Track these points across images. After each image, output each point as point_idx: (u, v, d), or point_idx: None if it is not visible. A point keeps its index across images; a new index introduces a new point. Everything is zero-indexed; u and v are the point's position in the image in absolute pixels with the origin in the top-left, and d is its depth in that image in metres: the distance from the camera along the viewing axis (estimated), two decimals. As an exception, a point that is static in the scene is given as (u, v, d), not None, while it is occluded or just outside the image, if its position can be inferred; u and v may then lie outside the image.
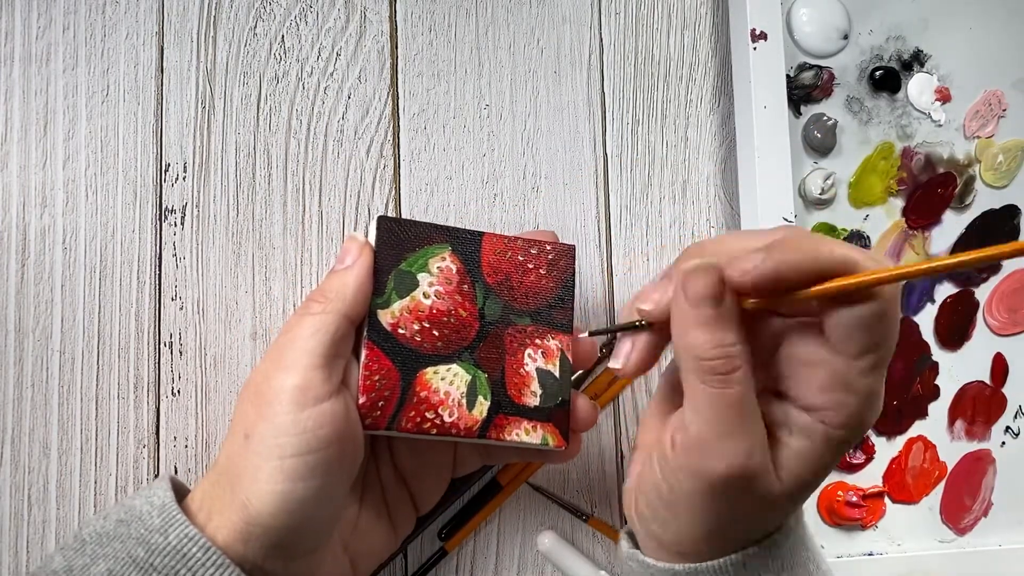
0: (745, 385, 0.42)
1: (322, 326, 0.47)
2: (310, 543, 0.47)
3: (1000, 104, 0.74)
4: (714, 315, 0.42)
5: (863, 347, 0.41)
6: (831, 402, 0.42)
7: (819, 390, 0.42)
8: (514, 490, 0.63)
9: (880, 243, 0.71)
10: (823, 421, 0.42)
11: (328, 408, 0.45)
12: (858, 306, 0.40)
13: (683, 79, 0.70)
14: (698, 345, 0.42)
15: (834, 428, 0.42)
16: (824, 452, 0.43)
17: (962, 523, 0.72)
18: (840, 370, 0.42)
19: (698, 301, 0.42)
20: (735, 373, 0.42)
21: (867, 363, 0.41)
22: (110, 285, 0.59)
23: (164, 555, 0.43)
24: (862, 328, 0.41)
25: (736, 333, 0.42)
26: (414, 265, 0.51)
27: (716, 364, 0.42)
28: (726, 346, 0.42)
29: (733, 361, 0.42)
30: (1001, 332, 0.73)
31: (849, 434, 0.43)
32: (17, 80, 0.59)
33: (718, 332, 0.42)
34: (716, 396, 0.42)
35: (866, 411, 0.42)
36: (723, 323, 0.42)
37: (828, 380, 0.42)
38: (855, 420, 0.42)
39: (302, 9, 0.63)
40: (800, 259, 0.40)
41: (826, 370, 0.42)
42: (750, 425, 0.42)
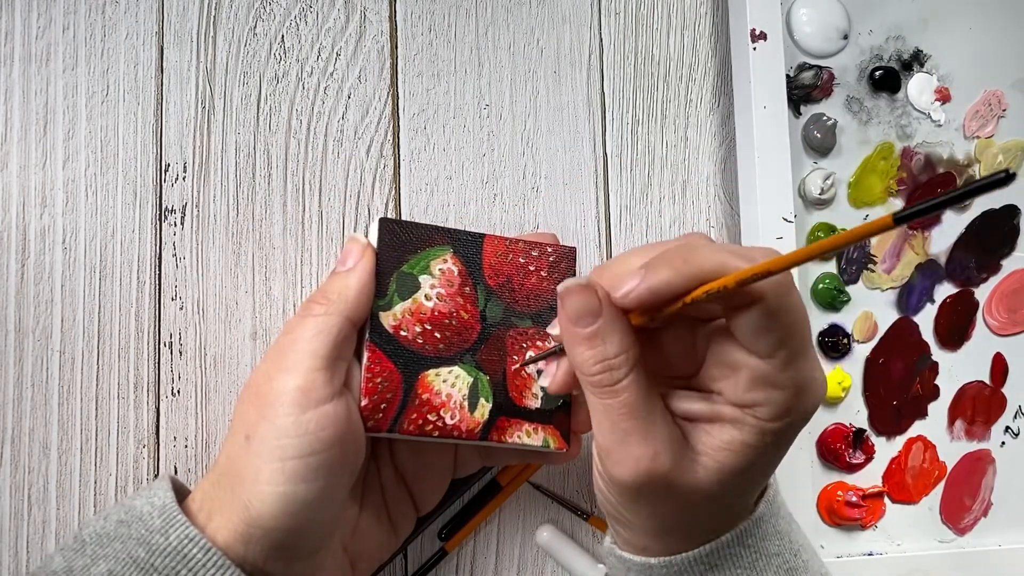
0: (634, 391, 0.43)
1: (324, 328, 0.47)
2: (311, 545, 0.47)
3: (1000, 104, 0.74)
4: (592, 331, 0.43)
5: (770, 346, 0.41)
6: (760, 399, 0.42)
7: (745, 390, 0.43)
8: (514, 490, 0.63)
9: (880, 243, 0.71)
10: (754, 415, 0.43)
11: (330, 410, 0.45)
12: (749, 310, 0.41)
13: (683, 79, 0.70)
14: (582, 361, 0.44)
15: (767, 421, 0.43)
16: (757, 441, 0.43)
17: (962, 523, 0.72)
18: (759, 369, 0.42)
19: (575, 318, 0.43)
20: (620, 383, 0.43)
21: (782, 359, 0.42)
22: (110, 285, 0.59)
23: (165, 556, 0.43)
24: (760, 329, 0.41)
25: (619, 343, 0.43)
26: (416, 267, 0.51)
27: (600, 377, 0.43)
28: (608, 359, 0.43)
29: (615, 373, 0.43)
30: (1001, 332, 0.73)
31: (786, 425, 0.43)
32: (17, 80, 0.59)
33: (598, 346, 0.43)
34: (607, 407, 0.43)
35: (798, 401, 0.43)
36: (602, 337, 0.43)
37: (751, 380, 0.42)
38: (787, 412, 0.43)
39: (302, 9, 0.63)
40: (673, 275, 0.41)
41: (747, 370, 0.42)
42: (649, 428, 0.43)
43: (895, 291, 0.72)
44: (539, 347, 0.53)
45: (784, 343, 0.42)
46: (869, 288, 0.71)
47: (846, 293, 0.70)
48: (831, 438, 0.69)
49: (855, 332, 0.70)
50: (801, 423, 0.44)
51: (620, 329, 0.43)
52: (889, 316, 0.71)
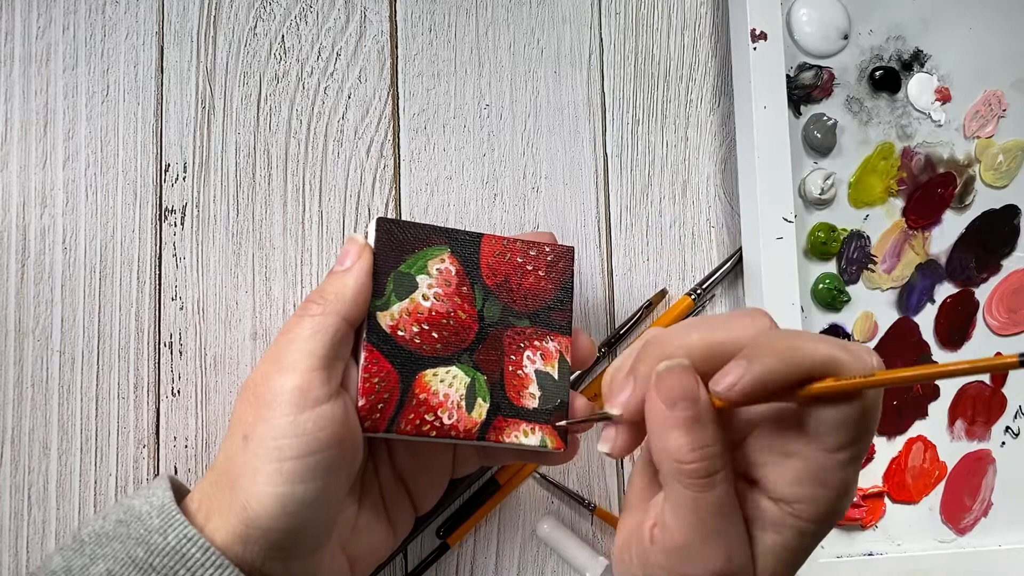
0: (725, 486, 0.41)
1: (321, 328, 0.47)
2: (309, 545, 0.47)
3: (1000, 104, 0.74)
4: (691, 416, 0.41)
5: (843, 442, 0.40)
6: (805, 495, 0.41)
7: (793, 482, 0.41)
8: (519, 483, 0.63)
9: (880, 243, 0.71)
10: (794, 514, 0.41)
11: (327, 410, 0.45)
12: (842, 405, 0.40)
13: (683, 79, 0.70)
14: (677, 448, 0.41)
15: (806, 522, 0.41)
16: (797, 546, 0.42)
17: (962, 523, 0.72)
18: (817, 463, 0.41)
19: (674, 403, 0.41)
20: (716, 475, 0.41)
21: (844, 457, 0.40)
22: (110, 285, 0.59)
23: (163, 555, 0.43)
24: (844, 425, 0.40)
25: (714, 433, 0.41)
26: (413, 267, 0.51)
27: (696, 467, 0.41)
28: (705, 447, 0.41)
29: (713, 463, 0.41)
30: (1001, 332, 0.73)
31: (821, 527, 0.42)
32: (17, 80, 0.59)
33: (696, 434, 0.41)
34: (697, 500, 0.41)
35: (839, 505, 0.42)
36: (701, 424, 0.41)
37: (803, 472, 0.41)
38: (828, 514, 0.41)
39: (302, 9, 0.63)
40: (782, 366, 0.39)
41: (801, 462, 0.41)
42: (730, 527, 0.41)
43: (895, 291, 0.72)
44: (536, 347, 0.53)
45: (856, 442, 0.40)
46: (869, 288, 0.71)
47: (846, 293, 0.70)
48: (831, 438, 0.69)
49: (855, 332, 0.70)
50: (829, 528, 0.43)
51: (716, 419, 0.42)
52: (889, 316, 0.71)
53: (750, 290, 0.66)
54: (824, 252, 0.69)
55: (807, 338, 0.40)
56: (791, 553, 0.42)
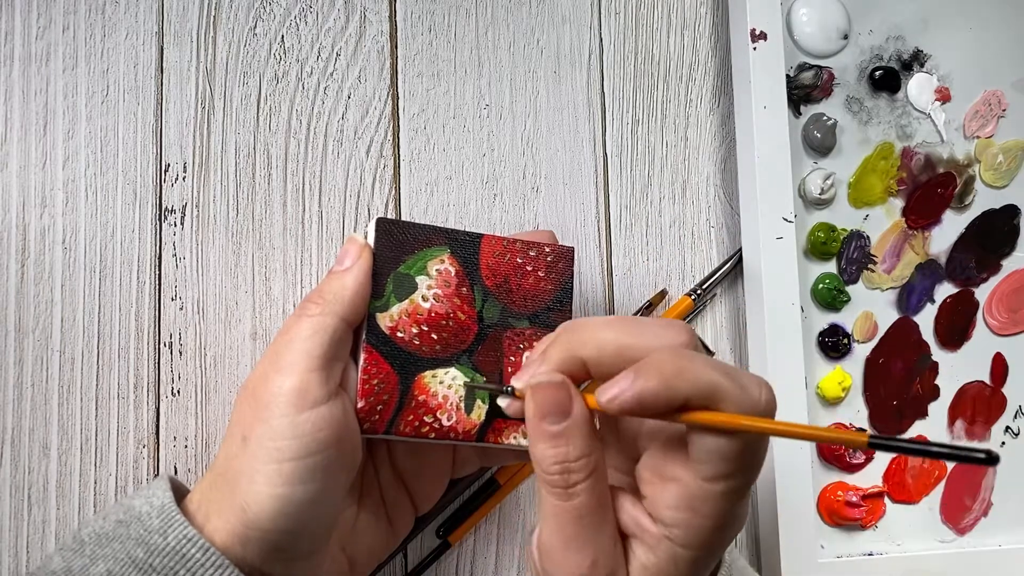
0: (589, 496, 0.42)
1: (320, 328, 0.47)
2: (309, 546, 0.47)
3: (1000, 104, 0.74)
4: (558, 431, 0.42)
5: (719, 473, 0.40)
6: (679, 520, 0.41)
7: (669, 506, 0.41)
8: (521, 481, 0.63)
9: (880, 243, 0.71)
10: (668, 537, 0.41)
11: (326, 411, 0.45)
12: (723, 437, 0.40)
13: (683, 79, 0.70)
14: (542, 458, 0.42)
15: (679, 547, 0.41)
16: (669, 570, 0.42)
17: (962, 523, 0.72)
18: (691, 491, 0.41)
19: (543, 416, 0.42)
20: (578, 486, 0.41)
21: (721, 488, 0.40)
22: (110, 285, 0.59)
23: (163, 556, 0.43)
24: (722, 456, 0.40)
25: (583, 446, 0.42)
26: (413, 268, 0.51)
27: (556, 479, 0.42)
28: (569, 461, 0.42)
29: (574, 476, 0.41)
30: (1001, 332, 0.73)
31: (696, 554, 0.42)
32: (17, 80, 0.59)
33: (561, 447, 0.42)
34: (558, 508, 0.42)
35: (716, 534, 0.41)
36: (567, 438, 0.42)
37: (678, 498, 0.41)
38: (701, 542, 0.41)
39: (302, 9, 0.63)
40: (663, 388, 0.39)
41: (678, 488, 0.41)
42: (594, 536, 0.42)
43: (895, 291, 0.72)
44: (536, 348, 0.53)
45: (735, 475, 0.40)
46: (869, 288, 0.71)
47: (846, 293, 0.70)
48: (831, 438, 0.69)
49: (855, 332, 0.70)
50: (711, 557, 0.43)
51: (586, 433, 0.42)
52: (889, 316, 0.71)
53: (750, 290, 0.66)
54: (824, 252, 0.69)
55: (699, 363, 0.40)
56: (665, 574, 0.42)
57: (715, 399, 0.39)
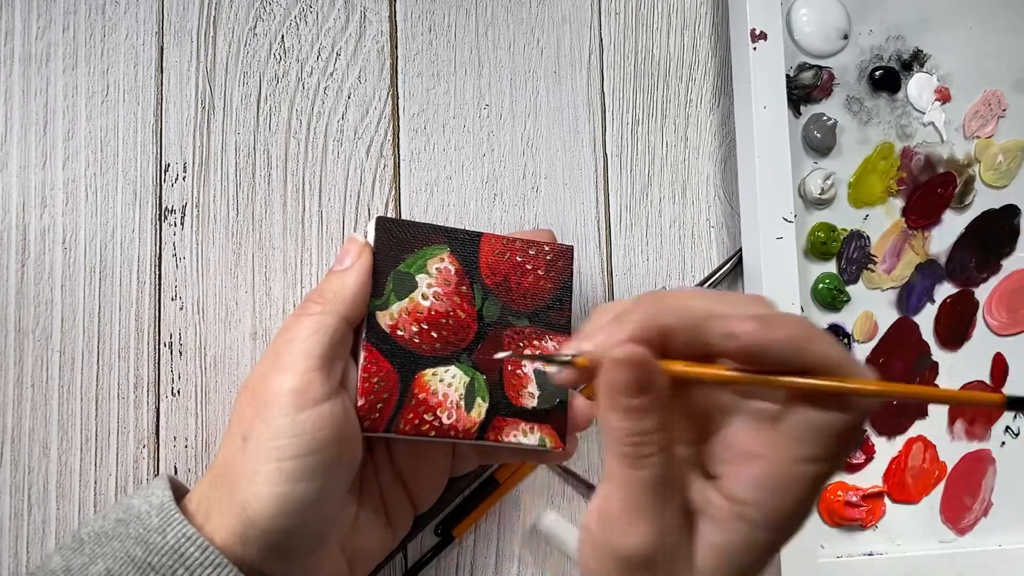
0: (659, 470, 0.40)
1: (320, 327, 0.47)
2: (308, 544, 0.47)
3: (1000, 104, 0.74)
4: (636, 404, 0.40)
5: (816, 454, 0.39)
6: (760, 499, 0.39)
7: (751, 484, 0.40)
8: (526, 474, 0.63)
9: (880, 242, 0.71)
10: (742, 516, 0.40)
11: (327, 410, 0.45)
12: (829, 412, 0.38)
13: (683, 79, 0.70)
14: (614, 428, 0.40)
15: (756, 528, 0.40)
16: (743, 552, 0.40)
17: (962, 523, 0.72)
18: (780, 470, 0.39)
19: (621, 388, 0.40)
20: (650, 458, 0.40)
21: (813, 470, 0.39)
22: (110, 285, 0.59)
23: (162, 554, 0.43)
24: (824, 435, 0.39)
25: (656, 421, 0.40)
26: (412, 266, 0.51)
27: (628, 449, 0.40)
28: (642, 434, 0.40)
29: (645, 448, 0.40)
30: (1001, 332, 0.73)
31: (772, 537, 0.40)
32: (17, 80, 0.59)
33: (635, 421, 0.40)
34: (627, 475, 0.40)
35: (796, 519, 0.40)
36: (643, 414, 0.40)
37: (763, 477, 0.39)
38: (781, 524, 0.40)
39: (302, 9, 0.63)
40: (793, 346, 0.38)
41: (764, 466, 0.40)
42: (660, 509, 0.40)
43: (895, 291, 0.72)
44: (535, 347, 0.53)
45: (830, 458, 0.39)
46: (869, 288, 0.71)
47: (846, 293, 0.70)
48: (831, 438, 0.69)
49: (855, 332, 0.70)
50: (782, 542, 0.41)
51: (661, 408, 0.40)
52: (889, 316, 0.71)
53: (750, 290, 0.66)
54: (824, 252, 0.69)
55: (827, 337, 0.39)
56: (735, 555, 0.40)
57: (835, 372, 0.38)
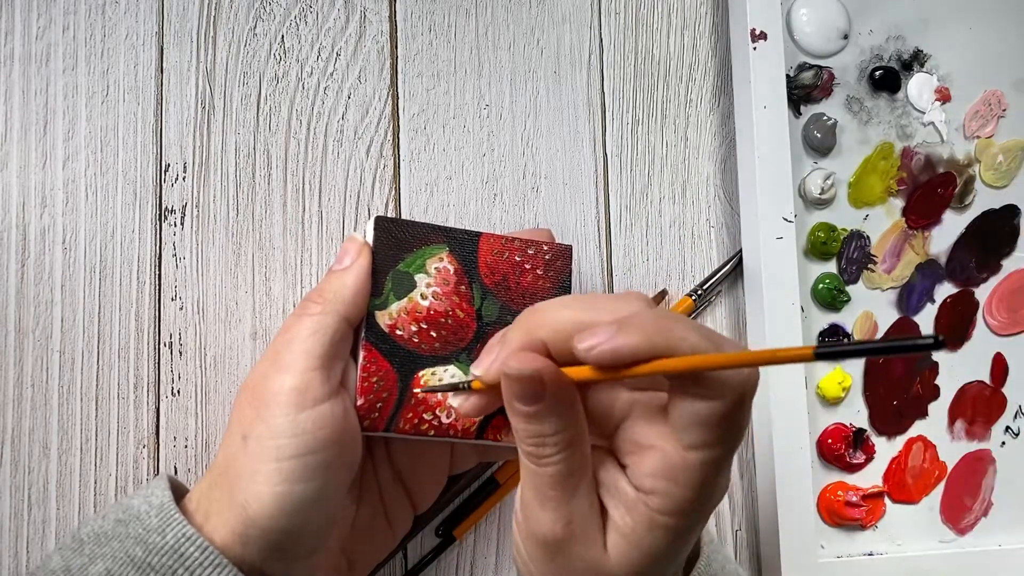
0: (564, 465, 0.42)
1: (320, 327, 0.47)
2: (308, 545, 0.47)
3: (1000, 104, 0.74)
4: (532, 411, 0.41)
5: (700, 442, 0.40)
6: (657, 488, 0.41)
7: (647, 474, 0.41)
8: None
9: (880, 243, 0.71)
10: (646, 504, 0.41)
11: (326, 410, 0.45)
12: (704, 401, 0.39)
13: (683, 79, 0.70)
14: (517, 430, 0.42)
15: (658, 513, 0.41)
16: (647, 536, 0.42)
17: (962, 523, 0.72)
18: (671, 459, 0.40)
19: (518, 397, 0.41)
20: (552, 457, 0.41)
21: (700, 457, 0.40)
22: (110, 285, 0.59)
23: (162, 555, 0.43)
24: (702, 423, 0.39)
25: (558, 423, 0.41)
26: (412, 266, 0.51)
27: (532, 450, 0.42)
28: (541, 436, 0.41)
29: (546, 448, 0.41)
30: (1001, 332, 0.73)
31: (674, 521, 0.41)
32: (17, 80, 0.59)
33: (534, 425, 0.41)
34: (532, 471, 0.42)
35: (695, 504, 0.41)
36: (539, 418, 0.41)
37: (657, 466, 0.41)
38: (680, 510, 0.41)
39: (302, 9, 0.63)
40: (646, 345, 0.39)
41: (658, 456, 0.41)
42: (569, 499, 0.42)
43: (895, 291, 0.71)
44: None
45: (716, 444, 0.40)
46: (869, 288, 0.71)
47: (846, 293, 0.70)
48: (831, 438, 0.69)
49: (855, 332, 0.70)
50: (693, 525, 0.43)
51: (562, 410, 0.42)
52: (889, 316, 0.71)
53: (750, 290, 0.66)
54: (824, 252, 0.69)
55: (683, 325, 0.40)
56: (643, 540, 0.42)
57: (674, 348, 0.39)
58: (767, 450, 0.64)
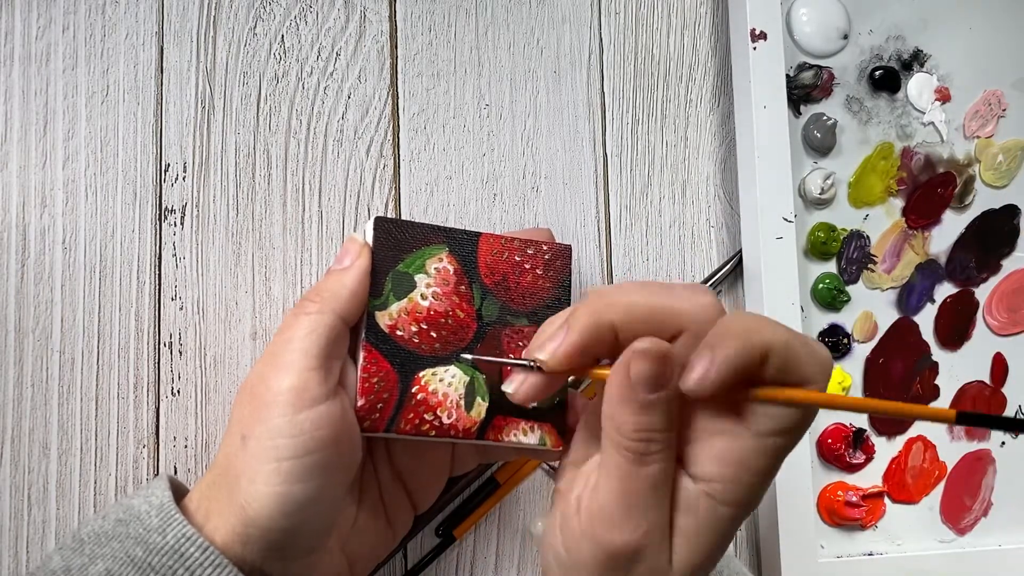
0: (661, 467, 0.41)
1: (317, 326, 0.46)
2: (308, 544, 0.47)
3: (1000, 104, 0.74)
4: (653, 400, 0.40)
5: (775, 428, 0.40)
6: (724, 475, 0.41)
7: (715, 459, 0.41)
8: (528, 474, 0.63)
9: (880, 243, 0.71)
10: (710, 494, 0.41)
11: (325, 410, 0.45)
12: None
13: (683, 79, 0.70)
14: (624, 422, 0.41)
15: (720, 503, 0.41)
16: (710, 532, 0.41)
17: (962, 523, 0.72)
18: (743, 444, 0.40)
19: (639, 386, 0.40)
20: (652, 455, 0.41)
21: (773, 444, 0.40)
22: (110, 285, 0.59)
23: (162, 555, 0.43)
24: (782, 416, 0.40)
25: (666, 421, 0.41)
26: (411, 266, 0.51)
27: (637, 445, 0.41)
28: (652, 431, 0.41)
29: (652, 446, 0.41)
30: (1001, 332, 0.73)
31: (735, 512, 0.41)
32: (17, 80, 0.59)
33: (647, 417, 0.41)
34: (629, 471, 0.41)
35: (758, 491, 0.41)
36: (656, 409, 0.41)
37: (727, 451, 0.41)
38: (744, 498, 0.41)
39: (302, 9, 0.63)
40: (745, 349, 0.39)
41: (727, 441, 0.41)
42: (656, 505, 0.41)
43: (895, 291, 0.72)
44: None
45: (789, 432, 0.40)
46: (869, 288, 0.71)
47: (846, 293, 0.70)
48: (831, 438, 0.69)
49: (855, 332, 0.70)
50: (743, 517, 0.42)
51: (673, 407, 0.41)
52: (889, 316, 0.71)
53: (750, 290, 0.66)
54: (824, 252, 0.69)
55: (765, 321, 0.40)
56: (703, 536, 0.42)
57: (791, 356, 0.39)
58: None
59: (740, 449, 0.40)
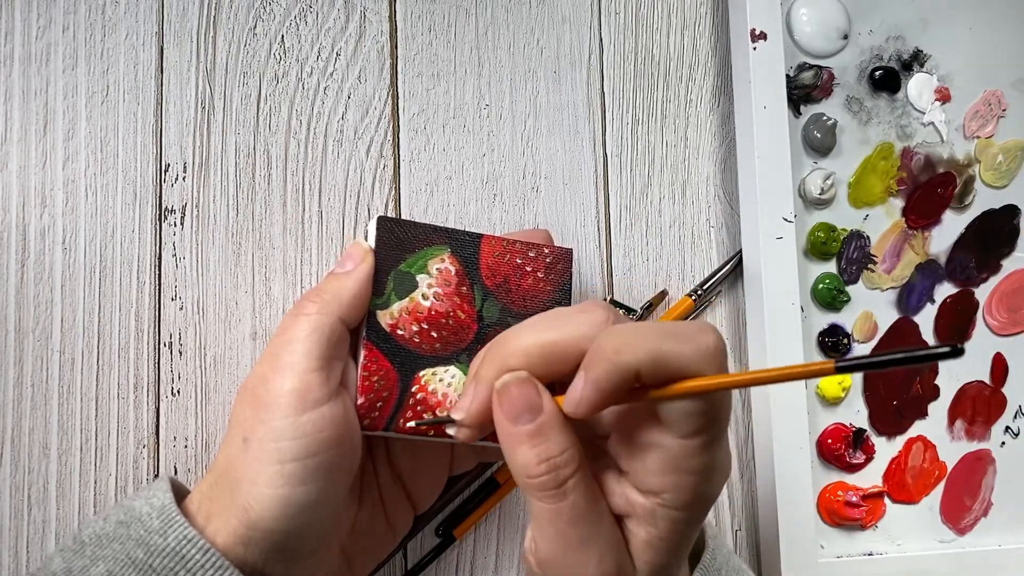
0: (580, 491, 0.41)
1: (317, 327, 0.46)
2: (310, 546, 0.47)
3: (1000, 104, 0.74)
4: (534, 429, 0.41)
5: (695, 428, 0.40)
6: (668, 484, 0.41)
7: (654, 472, 0.41)
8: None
9: (880, 243, 0.71)
10: (663, 504, 0.41)
11: (327, 411, 0.45)
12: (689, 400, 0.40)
13: (683, 79, 0.70)
14: (525, 463, 0.41)
15: (675, 510, 0.41)
16: (671, 535, 0.42)
17: (962, 523, 0.72)
18: (672, 452, 0.41)
19: (516, 417, 0.41)
20: (567, 483, 0.41)
21: (700, 442, 0.40)
22: (110, 285, 0.59)
23: (163, 557, 0.43)
24: (693, 413, 0.40)
25: (562, 438, 0.41)
26: (413, 266, 0.51)
27: (545, 480, 0.41)
28: (552, 458, 0.41)
29: (561, 472, 0.41)
30: (1001, 332, 0.73)
31: (692, 514, 0.42)
32: (17, 80, 0.59)
33: (541, 446, 0.41)
34: (553, 511, 0.41)
35: (704, 488, 0.42)
36: (544, 436, 0.41)
37: (663, 462, 0.41)
38: (695, 500, 0.41)
39: (302, 9, 0.63)
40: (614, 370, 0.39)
41: (659, 452, 0.41)
42: (595, 530, 0.42)
43: (895, 291, 0.72)
44: None
45: (709, 426, 0.40)
46: (869, 288, 0.71)
47: (846, 293, 0.70)
48: (831, 438, 0.69)
49: (855, 332, 0.70)
50: (703, 512, 0.43)
51: (562, 425, 0.42)
52: (889, 316, 0.71)
53: (750, 290, 0.66)
54: (824, 252, 0.69)
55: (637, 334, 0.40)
56: (667, 543, 0.42)
57: (665, 361, 0.39)
58: (767, 450, 0.64)
59: (672, 456, 0.41)
